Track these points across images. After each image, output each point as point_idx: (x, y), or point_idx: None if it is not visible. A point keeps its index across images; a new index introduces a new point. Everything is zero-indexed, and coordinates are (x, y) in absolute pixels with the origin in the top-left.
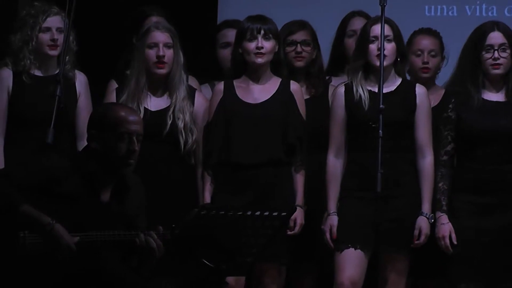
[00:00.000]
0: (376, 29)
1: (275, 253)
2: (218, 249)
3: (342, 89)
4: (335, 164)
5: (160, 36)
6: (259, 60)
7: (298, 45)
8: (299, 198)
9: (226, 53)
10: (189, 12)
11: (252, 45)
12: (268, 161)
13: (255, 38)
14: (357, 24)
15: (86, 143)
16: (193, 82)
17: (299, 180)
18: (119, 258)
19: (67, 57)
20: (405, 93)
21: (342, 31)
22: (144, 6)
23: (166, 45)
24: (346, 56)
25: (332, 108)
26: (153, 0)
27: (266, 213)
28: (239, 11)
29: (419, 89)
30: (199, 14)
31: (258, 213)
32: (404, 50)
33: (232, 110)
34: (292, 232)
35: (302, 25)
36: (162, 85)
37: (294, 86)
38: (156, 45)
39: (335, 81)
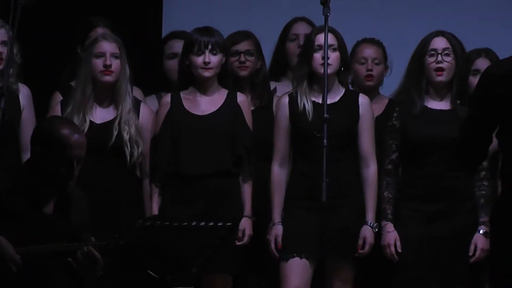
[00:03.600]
0: (321, 38)
1: (223, 263)
2: (164, 260)
3: (286, 100)
4: (279, 174)
5: (108, 46)
6: (207, 74)
7: (242, 55)
8: (247, 209)
9: (172, 64)
10: (133, 23)
11: (199, 60)
12: (216, 172)
13: (203, 52)
14: (300, 28)
15: (29, 156)
16: (137, 93)
17: (247, 190)
18: (63, 271)
19: (11, 70)
20: (349, 103)
21: (284, 35)
22: (91, 17)
23: (113, 55)
24: (288, 60)
25: (276, 118)
26: (98, 11)
27: (212, 224)
28: (184, 21)
29: (362, 99)
30: (143, 25)
31: (203, 223)
32: (348, 60)
33: (180, 122)
34: (241, 242)
35: (246, 35)
36: (108, 96)
37: (240, 97)
38: (103, 54)
39: (279, 89)
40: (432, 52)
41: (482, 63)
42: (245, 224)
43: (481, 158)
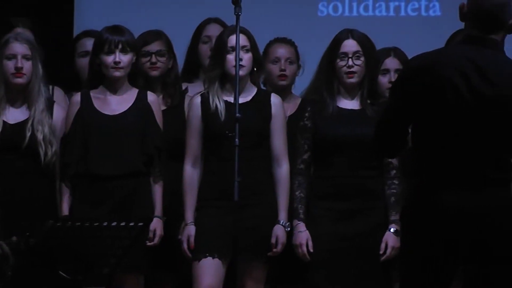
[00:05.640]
0: (234, 39)
1: (135, 263)
2: (75, 260)
3: (198, 100)
4: (191, 174)
5: (19, 48)
6: (117, 73)
7: (153, 55)
8: (158, 209)
9: (84, 63)
10: (44, 21)
11: (109, 59)
12: (127, 172)
13: (113, 52)
14: (212, 30)
15: None
16: (58, 93)
17: (158, 190)
18: None
19: None
20: (261, 102)
21: (197, 37)
22: (11, 17)
23: (25, 57)
24: (200, 62)
25: (188, 118)
26: (10, 10)
27: (123, 224)
28: (96, 20)
29: (274, 99)
30: (54, 24)
31: (114, 223)
32: (260, 60)
33: (89, 121)
34: (152, 243)
35: (157, 35)
36: (20, 97)
37: (151, 97)
38: (14, 56)
39: (191, 90)
40: (343, 56)
41: (391, 63)
42: (156, 224)
43: (400, 147)
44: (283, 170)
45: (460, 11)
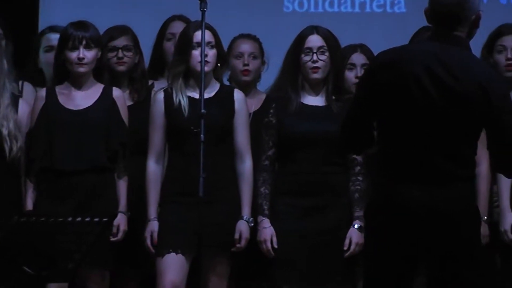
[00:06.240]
0: (199, 35)
1: (99, 258)
2: (39, 255)
3: (161, 95)
4: (155, 169)
5: None
6: (81, 69)
7: (120, 50)
8: (122, 204)
9: (49, 58)
10: (10, 16)
11: (73, 55)
12: (91, 168)
13: (77, 48)
14: (176, 27)
15: None
16: (28, 88)
17: (122, 186)
18: None
19: None
20: (224, 98)
21: (161, 34)
22: None
23: None
24: (165, 59)
25: (151, 114)
26: None
27: (87, 219)
28: (61, 15)
29: (237, 95)
30: (19, 19)
31: (79, 219)
32: (224, 56)
33: (54, 116)
34: (116, 238)
35: (124, 30)
36: None
37: (116, 92)
38: None
39: (157, 86)
40: (308, 51)
41: (357, 58)
42: (120, 220)
43: (365, 143)
44: (246, 165)
45: (426, 15)
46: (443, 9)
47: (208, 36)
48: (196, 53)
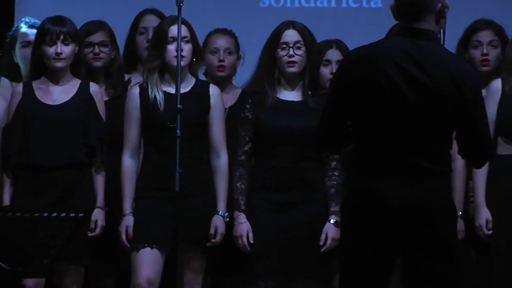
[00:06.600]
0: (175, 30)
1: (75, 254)
2: (15, 251)
3: (136, 90)
4: (130, 164)
5: None
6: (58, 64)
7: (96, 46)
8: (100, 199)
9: (26, 53)
10: None
11: (51, 50)
12: (69, 163)
13: (54, 43)
14: (148, 21)
15: None
16: (4, 83)
17: (100, 181)
18: None
19: None
20: (200, 93)
21: (134, 28)
22: None
23: None
24: (138, 53)
25: (126, 109)
26: None
27: (64, 214)
28: (37, 11)
29: (213, 90)
30: None
31: (55, 214)
32: (200, 51)
33: (31, 112)
34: (93, 233)
35: (100, 26)
36: None
37: (93, 87)
38: None
39: (133, 80)
40: (284, 46)
41: (333, 54)
42: (98, 215)
43: (342, 142)
44: (221, 160)
45: (392, 12)
46: (406, 1)
47: (184, 30)
48: (171, 47)
